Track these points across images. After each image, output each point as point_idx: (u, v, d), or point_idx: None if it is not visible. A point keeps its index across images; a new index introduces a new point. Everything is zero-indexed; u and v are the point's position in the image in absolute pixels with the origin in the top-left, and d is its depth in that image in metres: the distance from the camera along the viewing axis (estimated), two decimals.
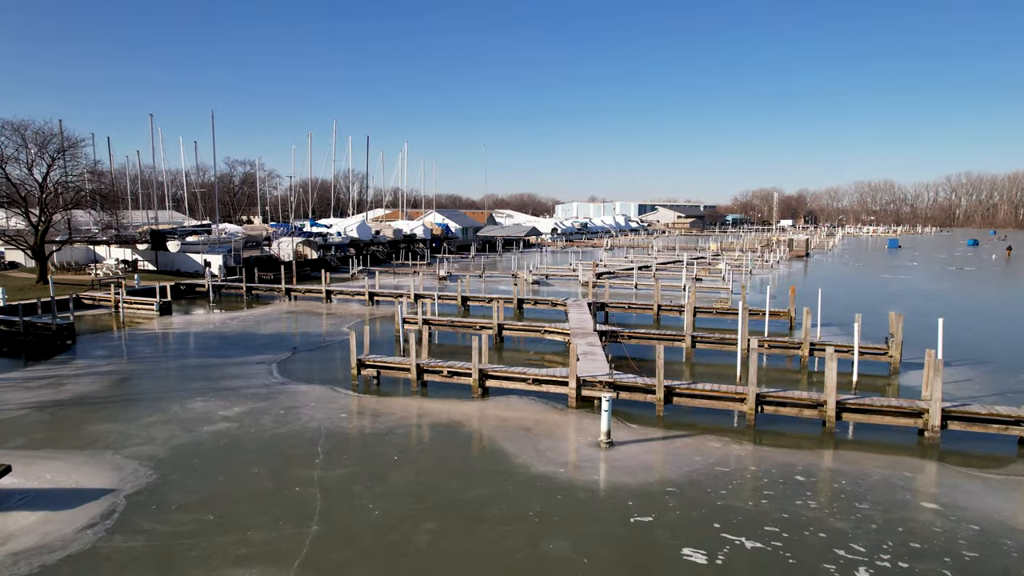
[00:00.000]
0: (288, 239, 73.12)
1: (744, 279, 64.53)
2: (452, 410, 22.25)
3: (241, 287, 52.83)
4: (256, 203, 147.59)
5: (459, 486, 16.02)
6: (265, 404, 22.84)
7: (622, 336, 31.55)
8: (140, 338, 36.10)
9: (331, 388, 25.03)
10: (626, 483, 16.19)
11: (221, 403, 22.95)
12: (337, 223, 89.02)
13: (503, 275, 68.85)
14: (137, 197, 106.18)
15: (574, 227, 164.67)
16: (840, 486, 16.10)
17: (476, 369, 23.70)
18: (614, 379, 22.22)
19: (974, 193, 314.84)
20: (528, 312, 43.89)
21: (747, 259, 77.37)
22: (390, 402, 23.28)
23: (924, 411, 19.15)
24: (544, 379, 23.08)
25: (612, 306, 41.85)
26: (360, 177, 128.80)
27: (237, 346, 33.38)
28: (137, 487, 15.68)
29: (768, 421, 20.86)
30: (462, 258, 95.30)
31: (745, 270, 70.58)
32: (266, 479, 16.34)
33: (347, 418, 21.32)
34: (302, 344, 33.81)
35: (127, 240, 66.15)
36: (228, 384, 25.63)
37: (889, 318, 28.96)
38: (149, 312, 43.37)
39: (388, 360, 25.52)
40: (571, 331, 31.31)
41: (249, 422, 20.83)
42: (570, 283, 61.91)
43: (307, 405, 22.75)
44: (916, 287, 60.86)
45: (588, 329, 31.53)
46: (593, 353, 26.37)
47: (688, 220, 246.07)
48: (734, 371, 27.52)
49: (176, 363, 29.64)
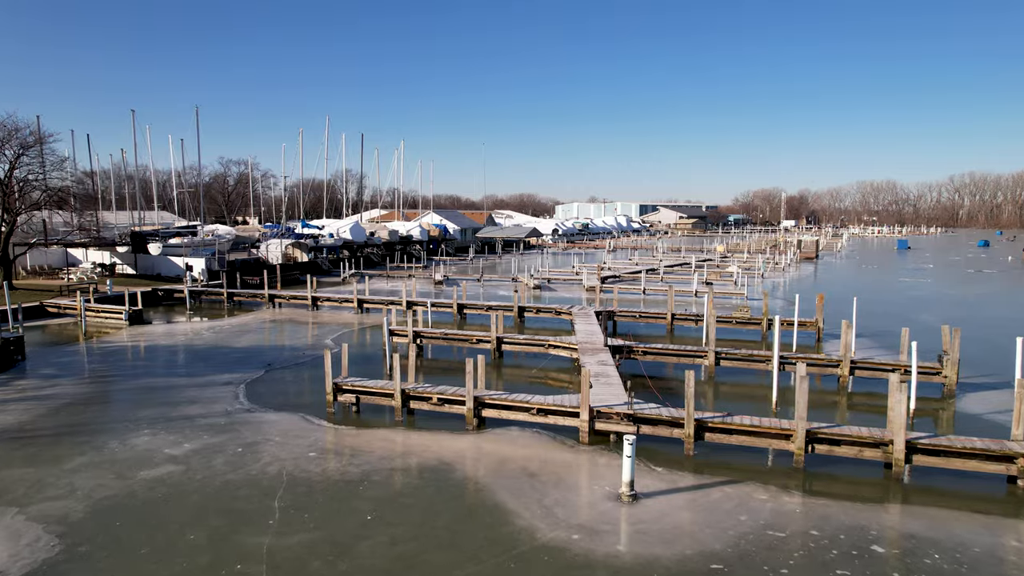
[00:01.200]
0: (276, 241, 69.64)
1: (757, 283, 61.09)
2: (442, 446, 18.79)
3: (222, 293, 49.27)
4: (250, 204, 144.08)
5: (446, 561, 12.56)
6: (222, 439, 19.36)
7: (636, 351, 28.08)
8: (99, 353, 32.60)
9: (303, 417, 21.56)
10: (659, 557, 12.72)
11: (170, 438, 19.47)
12: (330, 224, 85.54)
13: (503, 279, 65.39)
14: (123, 197, 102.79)
15: (575, 228, 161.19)
16: (934, 562, 12.62)
17: (471, 396, 20.24)
18: (634, 410, 18.75)
19: (977, 193, 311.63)
20: (530, 321, 40.42)
21: (759, 262, 73.86)
22: (369, 436, 19.80)
23: (1019, 456, 15.68)
24: (551, 409, 19.62)
25: (621, 315, 38.38)
26: (356, 177, 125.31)
27: (206, 362, 29.90)
28: (28, 569, 12.18)
29: (819, 462, 17.41)
30: (460, 260, 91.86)
31: (757, 273, 67.08)
32: (202, 552, 12.85)
33: (316, 459, 17.84)
34: (278, 360, 30.34)
35: (105, 242, 62.72)
36: (184, 411, 22.14)
37: (942, 333, 25.48)
38: (118, 321, 39.89)
39: (369, 384, 22.03)
40: (579, 346, 27.85)
41: (198, 464, 17.35)
42: (573, 288, 58.45)
43: (271, 440, 19.28)
44: (943, 292, 57.35)
45: (598, 344, 28.06)
46: (606, 375, 22.91)
47: (690, 221, 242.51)
48: (764, 393, 24.11)
49: (131, 384, 26.15)
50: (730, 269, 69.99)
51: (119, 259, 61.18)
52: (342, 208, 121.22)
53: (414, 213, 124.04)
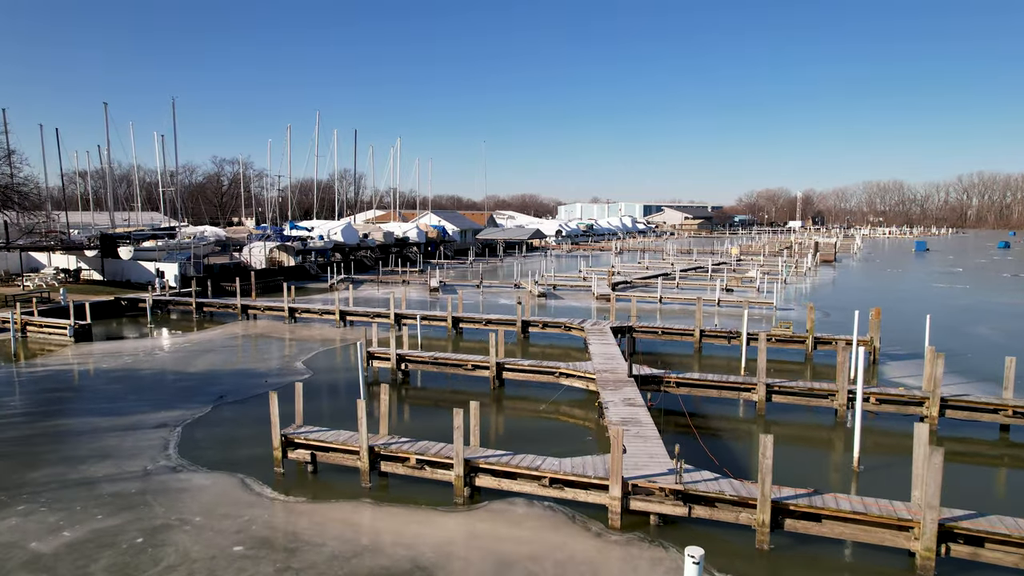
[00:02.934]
0: (260, 244, 64.51)
1: (780, 288, 55.90)
2: (420, 534, 13.63)
3: (191, 303, 44.10)
4: (242, 204, 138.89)
5: None
6: (121, 520, 14.22)
7: (667, 383, 22.90)
8: (21, 380, 27.47)
9: (241, 481, 16.41)
10: None
11: (51, 518, 14.33)
12: (320, 226, 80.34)
13: (504, 285, 60.25)
14: (107, 198, 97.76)
15: (579, 229, 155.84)
16: None
17: (460, 459, 15.09)
18: (685, 486, 13.57)
19: (987, 193, 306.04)
20: (536, 337, 35.25)
21: (781, 266, 68.58)
22: (324, 515, 14.63)
23: None
24: (568, 480, 14.46)
25: (641, 331, 33.19)
26: (353, 176, 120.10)
27: (144, 393, 24.78)
28: None
29: (956, 567, 12.25)
30: (459, 264, 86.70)
31: (780, 278, 61.73)
32: None
33: (240, 559, 12.68)
34: (235, 390, 25.20)
35: (72, 246, 57.69)
36: (89, 471, 17.01)
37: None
38: (62, 338, 34.78)
39: (328, 438, 16.84)
40: (596, 375, 22.68)
41: (65, 574, 12.19)
42: (582, 296, 53.25)
43: (188, 522, 14.13)
44: (988, 300, 52.01)
45: (620, 372, 22.88)
46: (637, 420, 17.76)
47: (696, 222, 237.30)
48: (832, 438, 19.01)
49: (34, 428, 20.98)
50: (750, 274, 64.75)
51: (86, 264, 56.13)
52: (339, 209, 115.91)
53: (412, 214, 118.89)
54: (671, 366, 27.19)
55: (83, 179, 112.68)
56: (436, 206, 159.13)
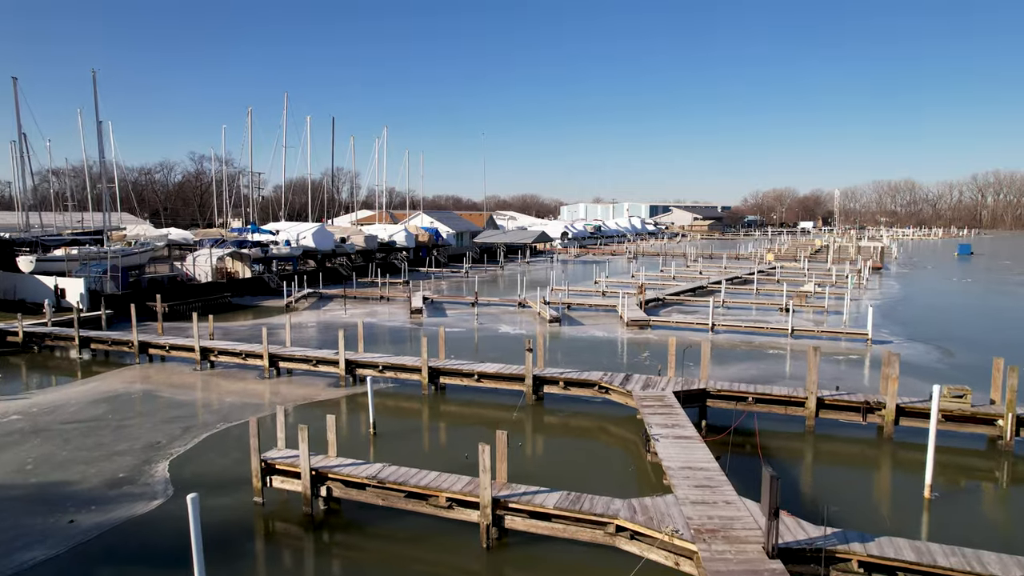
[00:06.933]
0: (206, 252, 52.56)
1: (853, 310, 44.02)
2: None
3: (73, 338, 31.92)
4: (225, 204, 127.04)
5: None
6: None
7: (837, 558, 10.97)
8: None
9: None
10: None
11: None
12: (287, 229, 68.35)
13: (506, 302, 48.33)
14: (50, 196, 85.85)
15: (587, 231, 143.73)
16: None
17: None
18: None
19: (1003, 192, 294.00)
20: (554, 402, 23.28)
21: (848, 276, 56.54)
22: None
23: None
24: None
25: (717, 397, 21.28)
26: (331, 171, 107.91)
27: None
28: None
29: None
30: (454, 272, 74.72)
31: (846, 292, 49.42)
32: None
33: None
34: (88, 509, 13.29)
35: None
36: None
37: None
38: None
39: None
40: (697, 547, 10.78)
41: None
42: (604, 319, 41.26)
43: None
44: None
45: (746, 541, 10.95)
46: None
47: (706, 222, 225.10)
48: None
49: None
50: (806, 287, 52.74)
51: None
52: (320, 211, 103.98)
53: (404, 215, 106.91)
54: (803, 485, 15.27)
55: None
56: (434, 207, 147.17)
